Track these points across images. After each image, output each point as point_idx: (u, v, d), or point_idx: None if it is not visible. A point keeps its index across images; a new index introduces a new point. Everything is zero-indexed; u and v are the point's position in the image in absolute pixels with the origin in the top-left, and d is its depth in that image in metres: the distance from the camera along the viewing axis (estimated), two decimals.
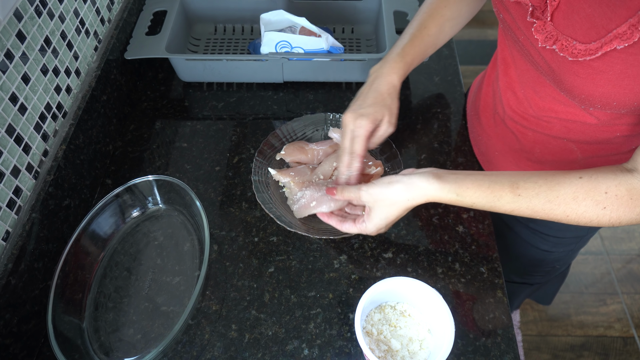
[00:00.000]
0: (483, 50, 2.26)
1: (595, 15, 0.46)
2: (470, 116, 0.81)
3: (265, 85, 0.91)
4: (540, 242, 0.83)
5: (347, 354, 0.60)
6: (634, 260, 1.61)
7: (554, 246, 0.83)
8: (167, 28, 0.87)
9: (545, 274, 0.97)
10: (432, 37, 0.70)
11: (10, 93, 0.59)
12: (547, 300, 1.21)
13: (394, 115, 0.66)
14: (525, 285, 1.04)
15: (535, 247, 0.84)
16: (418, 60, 0.70)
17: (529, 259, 0.89)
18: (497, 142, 0.73)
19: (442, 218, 0.72)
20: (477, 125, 0.78)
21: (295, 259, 0.68)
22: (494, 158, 0.76)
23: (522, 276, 0.99)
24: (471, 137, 0.81)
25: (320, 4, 0.96)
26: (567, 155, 0.65)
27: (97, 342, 0.61)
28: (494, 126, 0.73)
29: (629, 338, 1.45)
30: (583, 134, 0.61)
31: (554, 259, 0.88)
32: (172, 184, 0.68)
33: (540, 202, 0.52)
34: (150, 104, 0.88)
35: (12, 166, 0.60)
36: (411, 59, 0.68)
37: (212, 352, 0.60)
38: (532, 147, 0.68)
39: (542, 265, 0.92)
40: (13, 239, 0.59)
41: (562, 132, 0.62)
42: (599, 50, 0.46)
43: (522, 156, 0.70)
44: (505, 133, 0.71)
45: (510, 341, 0.61)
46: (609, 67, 0.47)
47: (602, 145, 0.62)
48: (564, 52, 0.49)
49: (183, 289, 0.65)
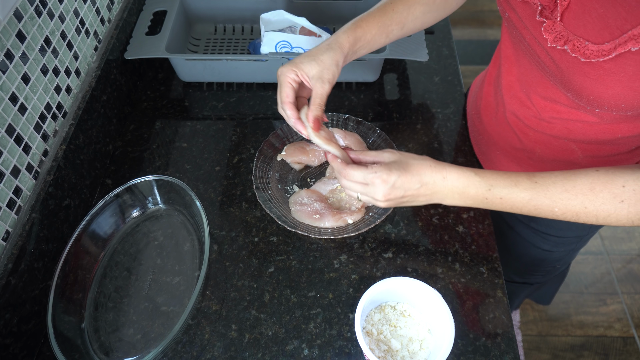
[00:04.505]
0: (483, 50, 2.26)
1: (608, 16, 0.45)
2: (471, 115, 0.81)
3: (265, 85, 0.91)
4: (542, 241, 0.83)
5: (347, 354, 0.60)
6: (634, 260, 1.61)
7: (555, 246, 0.83)
8: (167, 28, 0.87)
9: (546, 273, 0.97)
10: (398, 14, 0.66)
11: (10, 93, 0.59)
12: (547, 300, 1.21)
13: (328, 79, 0.60)
14: (525, 285, 1.04)
15: (536, 246, 0.84)
16: (378, 33, 0.66)
17: (530, 259, 0.89)
18: (499, 141, 0.73)
19: (442, 218, 0.72)
20: (478, 125, 0.78)
21: (295, 259, 0.68)
22: (495, 158, 0.76)
23: (522, 276, 0.99)
24: (472, 136, 0.81)
25: (320, 4, 0.96)
26: (568, 155, 0.65)
27: (97, 342, 0.61)
28: (495, 125, 0.73)
29: (629, 338, 1.45)
30: (584, 134, 0.61)
31: (554, 258, 0.88)
32: (172, 184, 0.68)
33: (557, 191, 0.51)
34: (150, 104, 0.88)
35: (12, 166, 0.60)
36: (367, 25, 0.65)
37: (212, 352, 0.60)
38: (534, 147, 0.68)
39: (543, 265, 0.92)
40: (13, 239, 0.59)
41: (564, 132, 0.62)
42: (612, 51, 0.45)
43: (523, 155, 0.70)
44: (506, 132, 0.71)
45: (510, 341, 0.61)
46: (621, 69, 0.46)
47: (603, 146, 0.62)
48: (576, 52, 0.48)
49: (183, 289, 0.65)
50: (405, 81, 0.91)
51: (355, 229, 0.67)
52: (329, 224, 0.69)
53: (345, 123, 0.80)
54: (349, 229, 0.68)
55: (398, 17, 0.67)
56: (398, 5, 0.67)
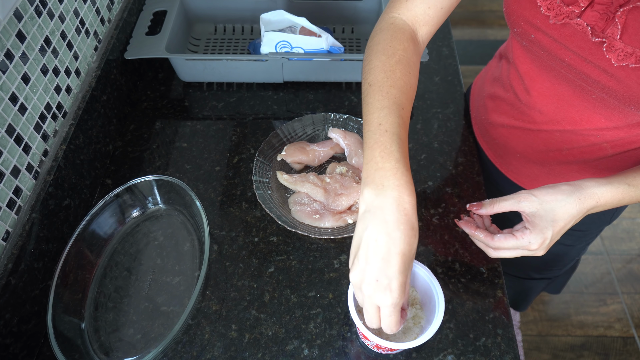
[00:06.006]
0: (483, 50, 2.26)
1: None
2: (481, 121, 0.80)
3: (265, 85, 0.91)
4: (565, 237, 0.82)
5: (347, 354, 0.60)
6: (634, 260, 1.61)
7: (577, 240, 0.83)
8: (167, 28, 0.87)
9: (563, 267, 0.97)
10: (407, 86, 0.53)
11: (10, 93, 0.59)
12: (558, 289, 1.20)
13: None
14: (543, 281, 1.04)
15: (558, 242, 0.83)
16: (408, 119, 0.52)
17: (551, 255, 0.88)
18: (517, 145, 0.72)
19: (442, 218, 0.72)
20: (491, 131, 0.77)
21: (295, 259, 0.68)
22: (515, 161, 0.75)
23: (541, 272, 0.99)
24: (482, 142, 0.81)
25: (320, 4, 0.96)
26: (597, 153, 0.64)
27: (97, 342, 0.61)
28: (516, 131, 0.71)
29: (629, 338, 1.45)
30: (616, 135, 0.60)
31: (575, 252, 0.88)
32: (172, 184, 0.68)
33: None
34: (150, 104, 0.88)
35: (12, 166, 0.60)
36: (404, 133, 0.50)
37: (212, 352, 0.60)
38: (560, 146, 0.67)
39: (564, 260, 0.91)
40: (13, 239, 0.59)
41: (595, 139, 0.62)
42: None
43: (547, 157, 0.70)
44: (531, 140, 0.70)
45: (510, 341, 0.61)
46: None
47: (634, 137, 0.61)
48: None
49: (183, 289, 0.65)
50: None
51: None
52: (329, 224, 0.69)
53: (345, 123, 0.80)
54: (349, 229, 0.68)
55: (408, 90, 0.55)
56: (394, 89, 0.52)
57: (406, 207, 0.44)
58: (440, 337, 0.61)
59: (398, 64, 0.52)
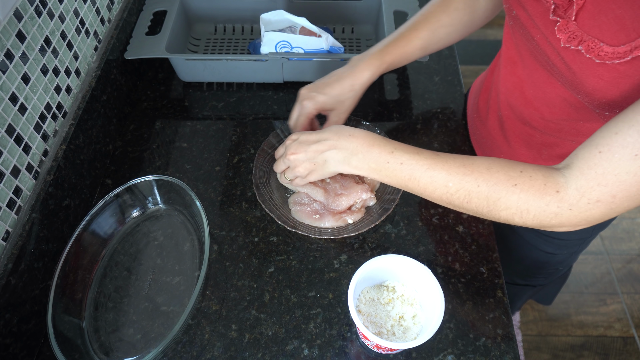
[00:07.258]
0: (483, 50, 2.26)
1: (625, 17, 0.44)
2: (473, 119, 0.81)
3: (265, 85, 0.91)
4: (545, 244, 0.82)
5: (347, 354, 0.60)
6: (634, 260, 1.61)
7: (558, 248, 0.83)
8: (167, 28, 0.87)
9: (548, 275, 0.97)
10: (422, 41, 0.69)
11: (10, 93, 0.59)
12: (549, 300, 1.21)
13: (344, 111, 0.71)
14: (528, 287, 1.04)
15: (539, 249, 0.84)
16: (400, 61, 0.70)
17: (533, 262, 0.89)
18: (502, 144, 0.73)
19: (442, 218, 0.72)
20: (481, 128, 0.77)
21: (295, 259, 0.68)
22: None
23: (525, 278, 0.99)
24: (473, 139, 0.81)
25: (320, 4, 0.96)
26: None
27: (97, 342, 0.61)
28: (499, 129, 0.72)
29: (629, 338, 1.45)
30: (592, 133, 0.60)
31: (557, 261, 0.88)
32: (172, 184, 0.68)
33: (455, 164, 0.52)
34: (150, 104, 0.88)
35: (12, 166, 0.60)
36: (392, 58, 0.68)
37: (212, 352, 0.60)
38: (540, 148, 0.67)
39: (546, 268, 0.92)
40: (13, 239, 0.59)
41: (572, 133, 0.61)
42: (628, 54, 0.44)
43: (530, 155, 0.70)
44: (511, 136, 0.70)
45: (510, 341, 0.61)
46: (637, 72, 0.45)
47: None
48: (590, 53, 0.47)
49: (183, 289, 0.65)
50: (405, 81, 0.91)
51: (355, 229, 0.67)
52: (329, 224, 0.69)
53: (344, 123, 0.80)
54: (349, 229, 0.68)
55: (422, 44, 0.69)
56: (422, 31, 0.68)
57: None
58: (440, 337, 0.61)
59: None
